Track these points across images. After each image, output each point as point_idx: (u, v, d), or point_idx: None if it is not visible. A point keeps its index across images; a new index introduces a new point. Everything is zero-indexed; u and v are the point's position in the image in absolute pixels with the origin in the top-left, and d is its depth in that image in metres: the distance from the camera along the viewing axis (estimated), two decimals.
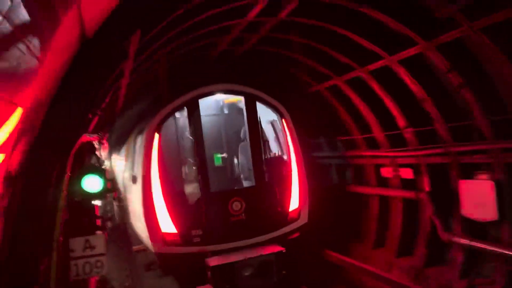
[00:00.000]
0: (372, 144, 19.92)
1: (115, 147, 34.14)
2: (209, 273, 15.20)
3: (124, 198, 23.47)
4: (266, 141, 18.03)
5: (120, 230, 28.15)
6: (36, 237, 9.23)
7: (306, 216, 18.03)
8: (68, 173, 10.56)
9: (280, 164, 18.38)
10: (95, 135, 15.58)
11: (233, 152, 19.21)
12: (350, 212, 20.48)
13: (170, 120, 18.36)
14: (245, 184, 18.19)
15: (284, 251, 15.71)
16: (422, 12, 12.64)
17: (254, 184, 17.81)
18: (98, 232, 13.31)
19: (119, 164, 31.06)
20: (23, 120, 6.98)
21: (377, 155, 20.00)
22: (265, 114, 18.40)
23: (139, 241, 19.62)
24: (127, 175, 21.64)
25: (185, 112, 17.54)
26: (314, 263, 19.07)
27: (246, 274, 15.19)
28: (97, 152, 17.12)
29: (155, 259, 16.55)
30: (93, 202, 13.48)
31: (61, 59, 7.78)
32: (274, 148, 18.57)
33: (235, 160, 18.85)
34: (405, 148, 17.22)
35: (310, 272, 18.77)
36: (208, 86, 18.36)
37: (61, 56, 7.62)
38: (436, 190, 16.67)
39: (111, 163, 32.51)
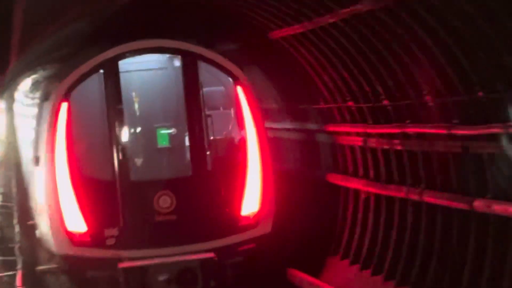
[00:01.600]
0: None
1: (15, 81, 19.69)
2: None
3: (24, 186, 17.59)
4: (209, 116, 13.37)
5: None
6: None
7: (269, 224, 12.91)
8: None
9: (232, 148, 13.52)
10: None
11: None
12: None
13: (90, 83, 12.99)
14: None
15: None
16: None
17: (191, 174, 12.89)
18: None
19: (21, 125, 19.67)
20: None
21: None
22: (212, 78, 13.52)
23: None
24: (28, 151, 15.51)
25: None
26: None
27: None
28: None
29: None
30: None
31: None
32: (224, 127, 13.68)
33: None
34: None
35: None
36: (131, 43, 12.96)
37: None
38: None
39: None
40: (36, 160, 13.91)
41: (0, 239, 18.57)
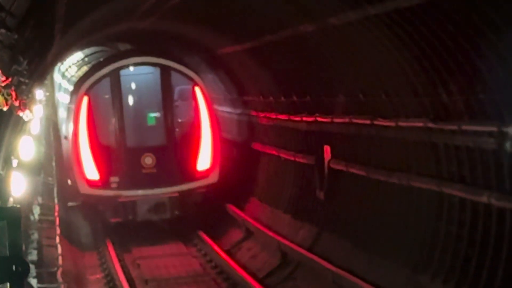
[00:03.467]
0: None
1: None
2: None
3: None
4: (177, 106, 19.07)
5: None
6: None
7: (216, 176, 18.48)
8: None
9: (192, 127, 18.97)
10: None
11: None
12: None
13: (102, 84, 18.80)
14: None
15: None
16: None
17: (166, 143, 18.60)
18: None
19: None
20: None
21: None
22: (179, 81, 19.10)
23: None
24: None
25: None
26: None
27: None
28: None
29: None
30: None
31: None
32: (187, 113, 19.17)
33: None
34: None
35: None
36: (127, 59, 18.82)
37: None
38: None
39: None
40: (67, 135, 19.59)
41: (38, 260, 14.78)
